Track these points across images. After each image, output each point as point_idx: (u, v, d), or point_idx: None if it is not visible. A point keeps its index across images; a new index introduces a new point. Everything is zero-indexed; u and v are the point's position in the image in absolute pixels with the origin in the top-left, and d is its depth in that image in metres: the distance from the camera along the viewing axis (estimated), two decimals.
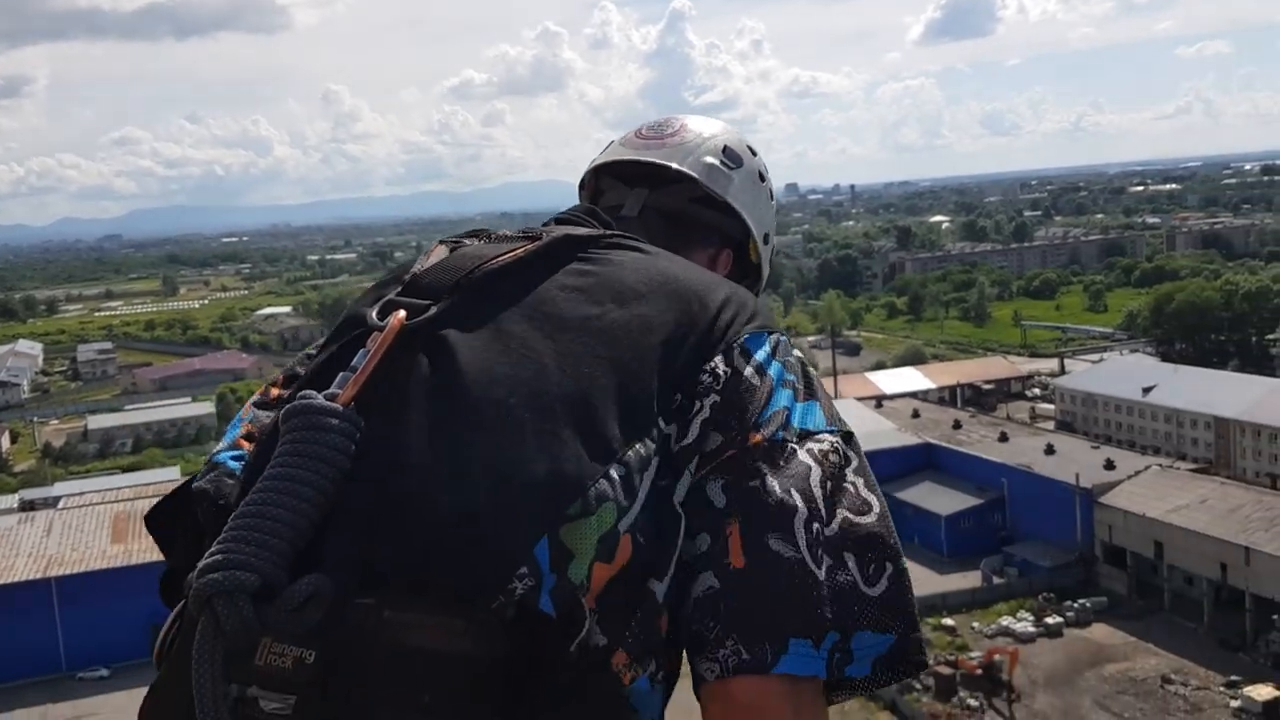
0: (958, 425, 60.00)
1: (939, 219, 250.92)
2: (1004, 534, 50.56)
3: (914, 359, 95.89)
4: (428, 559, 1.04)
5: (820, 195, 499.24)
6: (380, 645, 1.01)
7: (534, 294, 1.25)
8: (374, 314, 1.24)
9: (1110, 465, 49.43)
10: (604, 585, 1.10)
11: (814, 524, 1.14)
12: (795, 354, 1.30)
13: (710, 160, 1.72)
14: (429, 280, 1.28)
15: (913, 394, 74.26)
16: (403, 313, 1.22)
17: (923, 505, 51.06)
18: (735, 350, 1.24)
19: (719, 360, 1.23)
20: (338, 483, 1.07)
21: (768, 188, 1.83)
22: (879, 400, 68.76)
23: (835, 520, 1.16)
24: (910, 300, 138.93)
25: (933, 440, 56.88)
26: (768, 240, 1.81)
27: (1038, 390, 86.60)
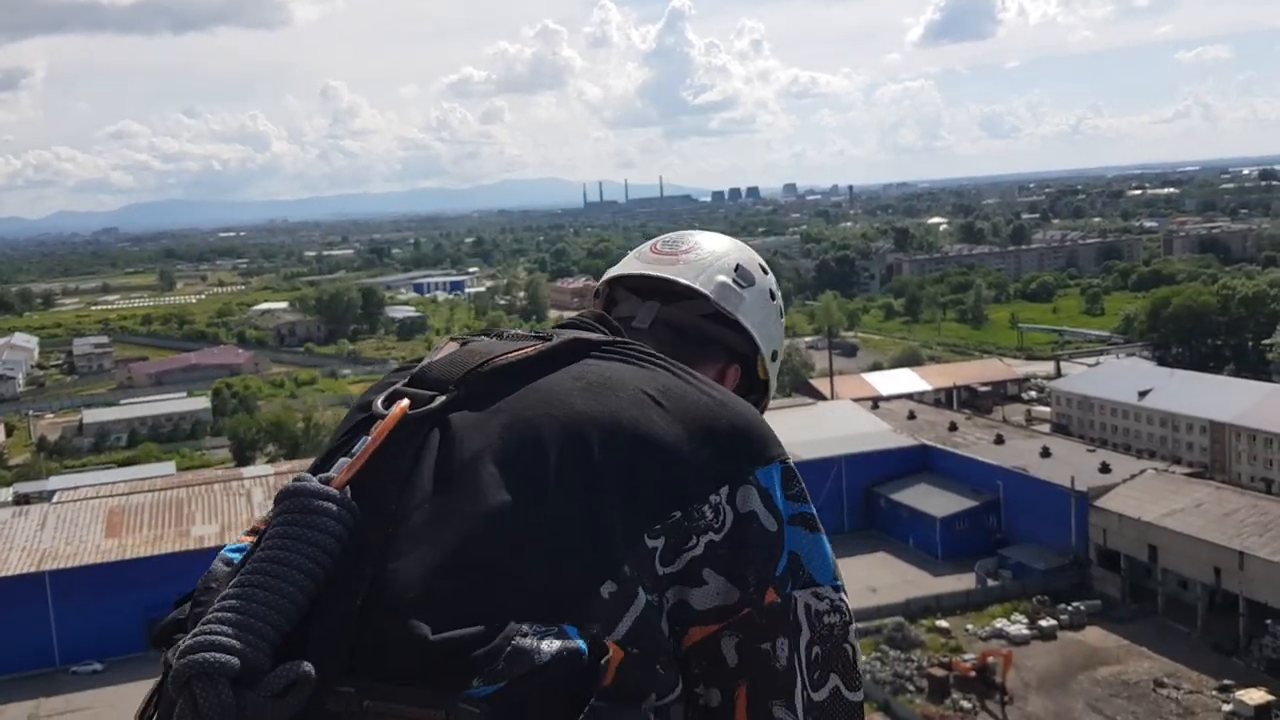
0: (954, 427, 59.94)
1: (937, 221, 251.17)
2: (999, 536, 50.54)
3: (910, 360, 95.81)
4: (415, 651, 1.03)
5: (818, 196, 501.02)
6: None
7: (542, 391, 1.24)
8: (380, 402, 1.25)
9: (1106, 468, 49.49)
10: (614, 672, 1.11)
11: (807, 692, 1.17)
12: (799, 482, 1.29)
13: (723, 279, 1.74)
14: (436, 373, 1.29)
15: (909, 395, 74.16)
16: (406, 401, 1.22)
17: (918, 507, 51.19)
18: (746, 487, 1.23)
19: (724, 495, 1.21)
20: (327, 566, 1.06)
21: (778, 305, 1.85)
22: (875, 401, 68.71)
23: (825, 688, 1.19)
24: (907, 302, 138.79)
25: (928, 442, 56.79)
26: (775, 357, 1.83)
27: (1034, 393, 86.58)
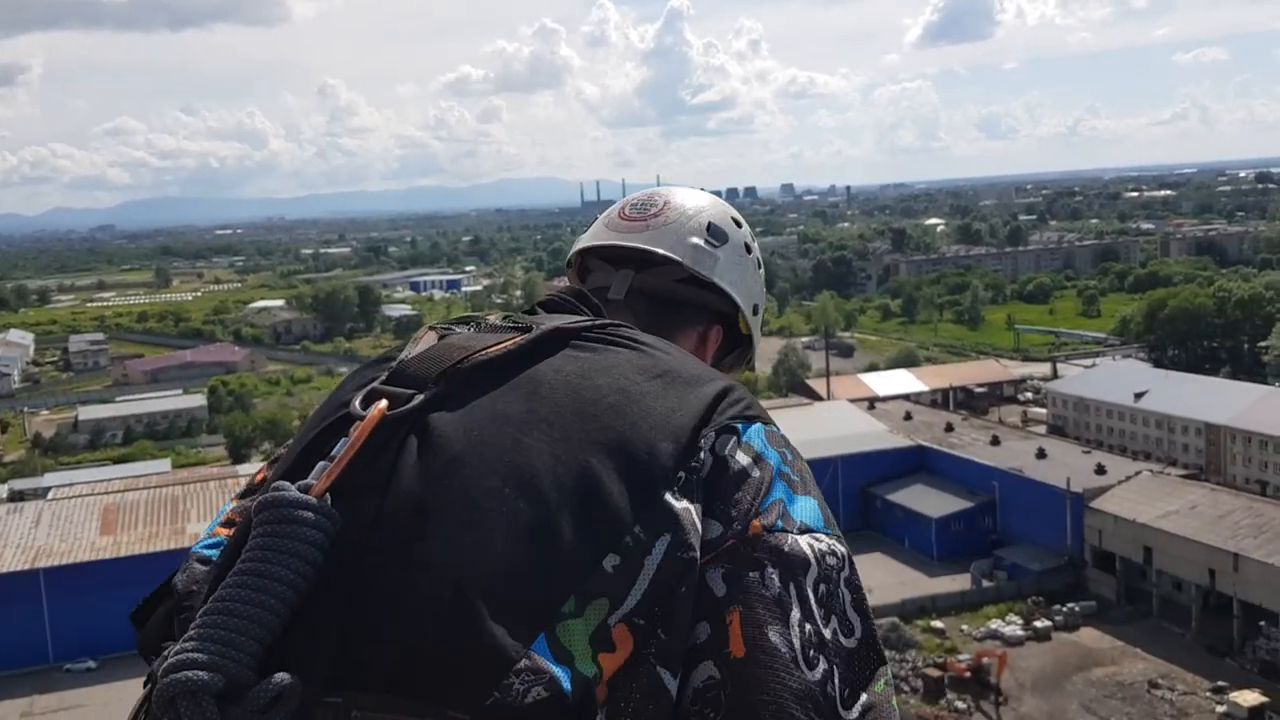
0: (950, 428, 60.04)
1: (934, 222, 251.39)
2: (994, 537, 50.65)
3: (907, 361, 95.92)
4: (403, 658, 1.01)
5: (816, 196, 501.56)
6: None
7: (525, 384, 1.21)
8: (357, 402, 1.20)
9: (1101, 470, 49.59)
10: (615, 673, 1.06)
11: (806, 624, 1.12)
12: (792, 447, 1.28)
13: (695, 240, 1.73)
14: (415, 369, 1.24)
15: (905, 396, 74.31)
16: (385, 402, 1.17)
17: (914, 507, 51.28)
18: (731, 438, 1.21)
19: (714, 444, 1.20)
20: (310, 577, 1.03)
21: (754, 257, 1.83)
22: (872, 402, 68.91)
23: (828, 627, 1.14)
24: (904, 302, 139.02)
25: (925, 443, 56.93)
26: (757, 311, 1.82)
27: (1030, 394, 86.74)
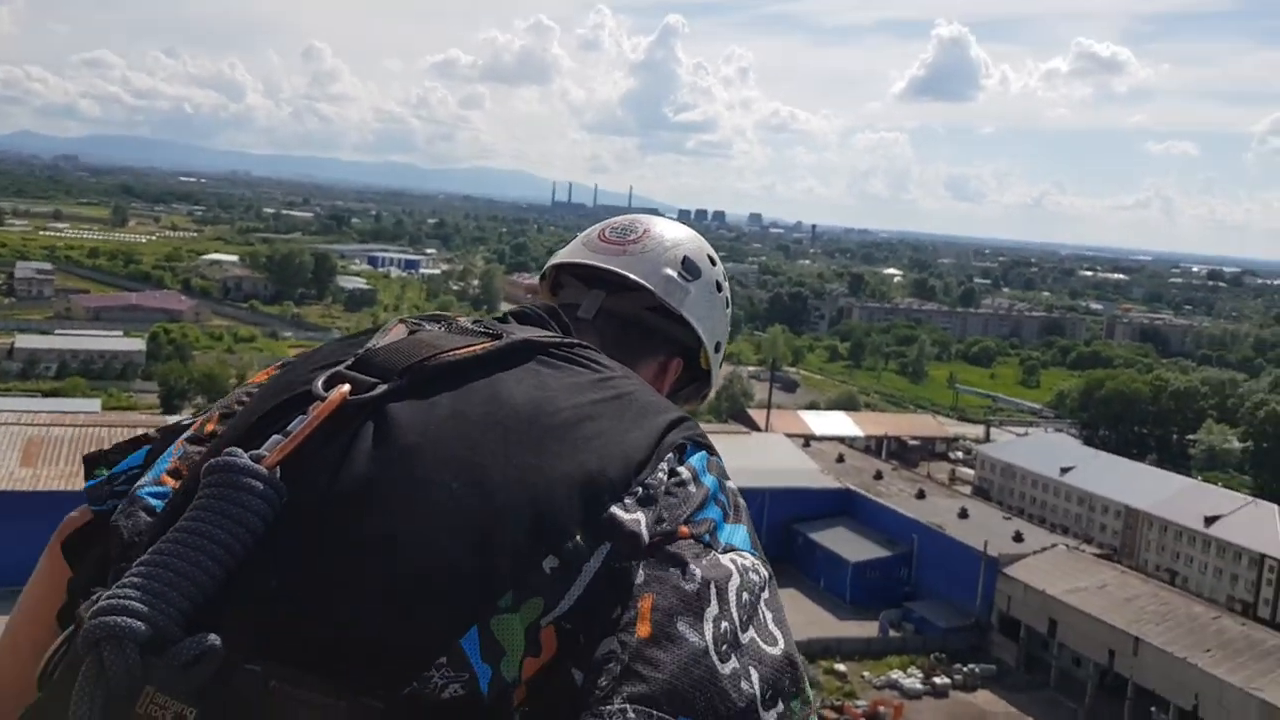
0: (879, 476, 60.58)
1: (892, 271, 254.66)
2: (908, 589, 51.19)
3: (847, 404, 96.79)
4: (332, 637, 1.01)
5: (781, 230, 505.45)
6: (259, 714, 0.98)
7: (487, 389, 1.22)
8: (320, 383, 1.21)
9: (1019, 538, 50.32)
10: (533, 676, 1.06)
11: (723, 622, 1.11)
12: (729, 479, 1.28)
13: (668, 271, 1.78)
14: (381, 359, 1.25)
15: (841, 438, 74.79)
16: (347, 386, 1.18)
17: (833, 549, 51.70)
18: (676, 456, 1.23)
19: (662, 463, 1.20)
20: (248, 544, 1.04)
21: (724, 296, 1.89)
22: (807, 440, 69.28)
23: (746, 633, 1.13)
24: (852, 346, 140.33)
25: (853, 487, 57.34)
26: (719, 348, 1.88)
27: (961, 454, 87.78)
